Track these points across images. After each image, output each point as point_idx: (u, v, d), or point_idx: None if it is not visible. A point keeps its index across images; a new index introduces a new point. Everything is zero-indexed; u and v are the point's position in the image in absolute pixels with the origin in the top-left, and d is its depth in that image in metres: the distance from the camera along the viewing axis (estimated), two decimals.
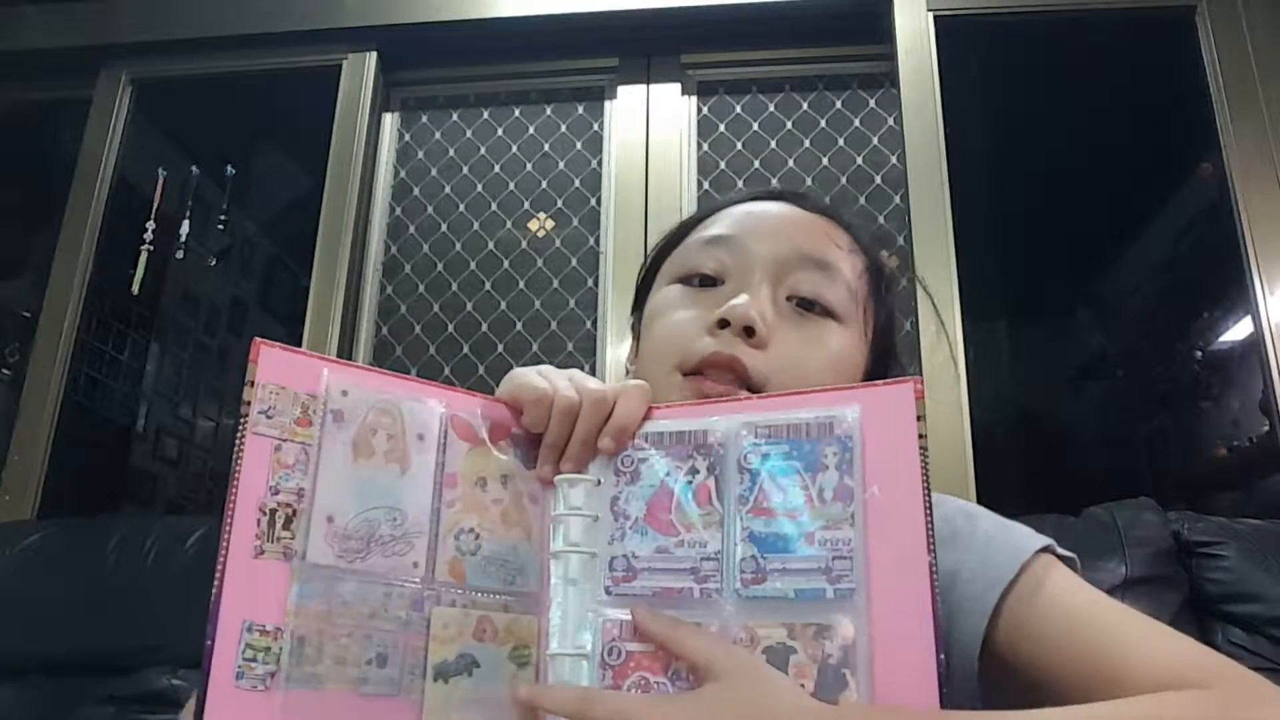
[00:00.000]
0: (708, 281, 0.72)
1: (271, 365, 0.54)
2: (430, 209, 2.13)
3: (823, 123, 2.07)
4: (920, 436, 0.53)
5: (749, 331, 0.66)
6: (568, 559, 0.58)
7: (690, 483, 0.57)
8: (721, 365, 0.66)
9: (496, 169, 2.14)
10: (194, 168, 2.31)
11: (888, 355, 0.76)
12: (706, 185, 2.03)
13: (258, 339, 0.55)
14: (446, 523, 0.56)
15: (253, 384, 0.53)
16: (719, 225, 0.75)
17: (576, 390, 0.59)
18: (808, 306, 0.70)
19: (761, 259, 0.71)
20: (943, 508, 0.65)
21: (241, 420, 0.52)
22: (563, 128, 2.15)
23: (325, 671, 0.51)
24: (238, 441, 0.52)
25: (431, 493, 0.56)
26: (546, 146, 2.14)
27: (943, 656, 0.48)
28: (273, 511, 0.52)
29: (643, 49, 2.12)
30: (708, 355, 0.66)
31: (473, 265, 2.08)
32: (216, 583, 0.49)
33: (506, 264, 2.07)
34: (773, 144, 2.06)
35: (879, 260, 0.77)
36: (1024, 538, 0.61)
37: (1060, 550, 0.62)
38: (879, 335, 0.74)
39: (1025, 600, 0.58)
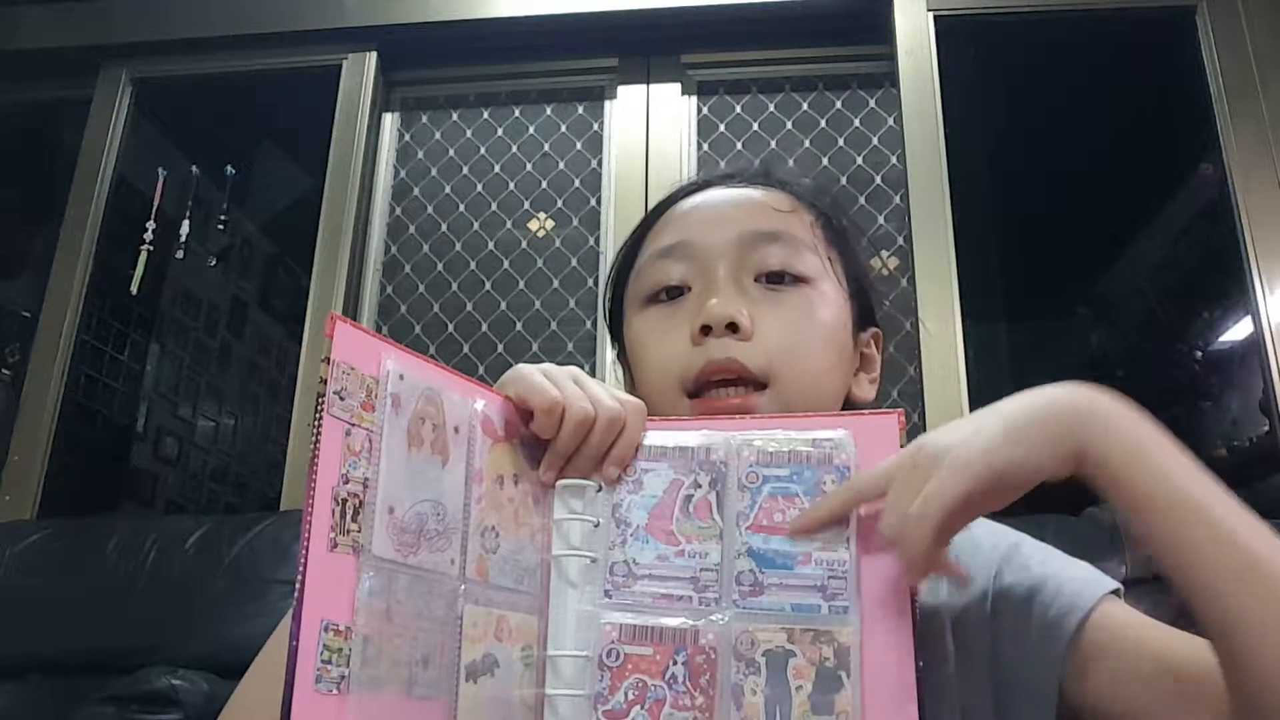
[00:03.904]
0: (674, 292, 0.72)
1: (344, 342, 0.50)
2: (430, 209, 2.13)
3: (823, 123, 2.07)
4: None
5: (733, 328, 0.66)
6: (568, 562, 0.58)
7: (692, 497, 0.58)
8: (721, 370, 0.66)
9: (496, 169, 2.14)
10: (194, 168, 2.31)
11: (865, 294, 0.77)
12: None
13: (333, 313, 0.51)
14: (475, 519, 0.55)
15: (328, 361, 0.49)
16: (667, 234, 0.75)
17: (590, 403, 0.59)
18: (778, 280, 0.70)
19: (717, 252, 0.71)
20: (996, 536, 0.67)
21: (319, 399, 0.48)
22: (563, 128, 2.15)
23: (384, 674, 0.48)
24: (315, 423, 0.48)
25: (464, 488, 0.55)
26: (546, 146, 2.13)
27: (921, 664, 0.53)
28: (344, 501, 0.48)
29: (643, 49, 2.12)
30: (704, 366, 0.67)
31: (473, 265, 2.08)
32: (299, 578, 0.45)
33: (506, 264, 2.07)
34: (773, 144, 2.05)
35: (824, 204, 0.77)
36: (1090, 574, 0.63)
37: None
38: (852, 277, 0.75)
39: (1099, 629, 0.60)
